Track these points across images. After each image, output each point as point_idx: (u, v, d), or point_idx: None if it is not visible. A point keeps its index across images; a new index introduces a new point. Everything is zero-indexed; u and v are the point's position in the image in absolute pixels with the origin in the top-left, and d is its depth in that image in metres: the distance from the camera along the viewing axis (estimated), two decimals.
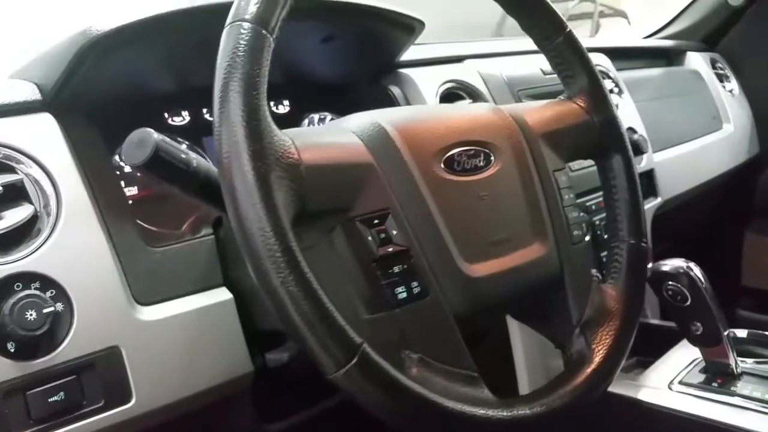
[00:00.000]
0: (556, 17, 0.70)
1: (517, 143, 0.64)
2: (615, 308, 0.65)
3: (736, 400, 0.83)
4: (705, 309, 0.87)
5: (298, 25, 0.78)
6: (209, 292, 0.64)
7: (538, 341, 0.87)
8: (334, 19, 0.79)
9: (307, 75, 0.90)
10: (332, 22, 0.79)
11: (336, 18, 0.79)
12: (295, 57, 0.85)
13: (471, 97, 0.99)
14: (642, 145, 1.17)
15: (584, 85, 0.71)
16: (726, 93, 1.64)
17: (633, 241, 0.69)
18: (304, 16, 0.73)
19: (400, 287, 0.52)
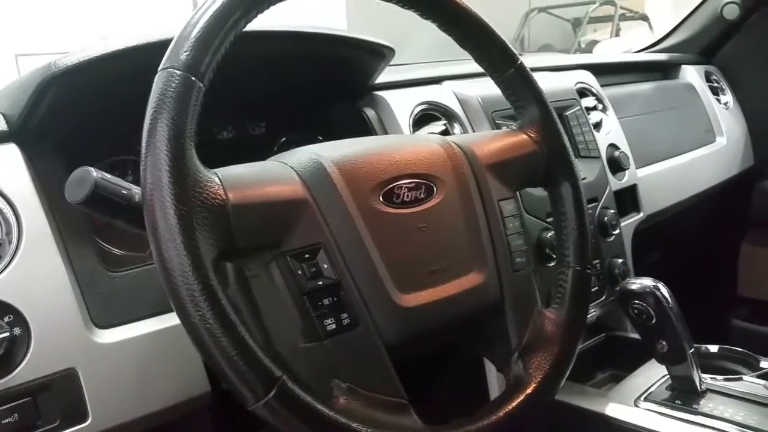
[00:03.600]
0: (507, 50, 0.69)
1: (462, 174, 0.63)
2: (555, 334, 0.63)
3: (698, 417, 0.81)
4: (670, 328, 0.85)
5: (266, 47, 0.79)
6: (167, 315, 0.64)
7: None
8: (294, 46, 0.79)
9: (283, 96, 0.90)
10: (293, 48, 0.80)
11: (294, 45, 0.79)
12: (268, 78, 0.86)
13: (446, 119, 0.98)
14: (623, 161, 1.15)
15: (535, 117, 0.70)
16: (720, 106, 1.60)
17: (578, 268, 0.68)
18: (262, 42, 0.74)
19: (329, 319, 0.52)
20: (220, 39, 0.50)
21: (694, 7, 1.73)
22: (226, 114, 0.85)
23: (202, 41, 0.49)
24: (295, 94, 0.90)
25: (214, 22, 0.50)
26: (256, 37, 0.76)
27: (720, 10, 1.63)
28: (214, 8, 0.51)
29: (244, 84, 0.84)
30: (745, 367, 0.93)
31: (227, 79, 0.79)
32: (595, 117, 1.18)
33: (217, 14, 0.51)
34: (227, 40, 0.51)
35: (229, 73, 0.78)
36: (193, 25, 0.50)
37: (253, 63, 0.82)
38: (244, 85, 0.84)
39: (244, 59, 0.79)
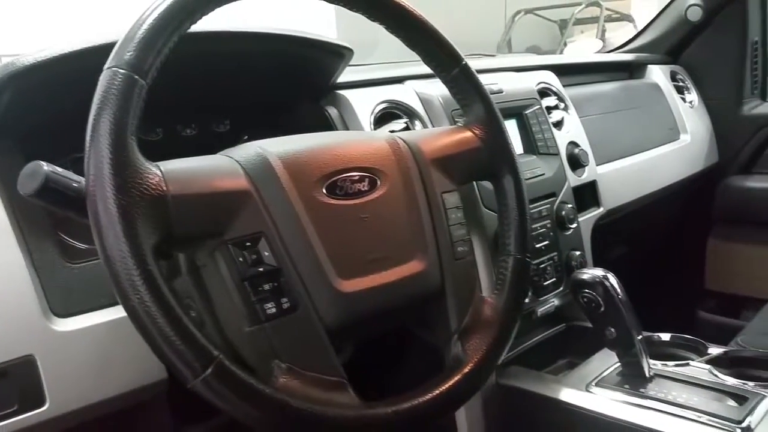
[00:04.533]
0: (452, 51, 0.72)
1: (406, 168, 0.66)
2: (493, 318, 0.66)
3: (644, 401, 0.84)
4: (618, 316, 0.88)
5: (228, 47, 0.82)
6: None
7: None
8: (255, 46, 0.81)
9: (247, 95, 0.92)
10: (255, 48, 0.82)
11: (256, 45, 0.81)
12: (232, 77, 0.88)
13: (408, 117, 1.00)
14: (582, 158, 1.18)
15: (480, 114, 0.73)
16: (685, 104, 1.63)
17: (518, 256, 0.70)
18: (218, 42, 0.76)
19: (270, 303, 0.54)
20: (164, 39, 0.53)
21: (660, 10, 1.77)
22: (191, 112, 0.87)
23: (146, 42, 0.52)
24: (258, 93, 0.93)
25: (158, 23, 0.53)
26: (218, 37, 0.78)
27: (684, 12, 1.67)
28: (159, 10, 0.53)
29: (209, 83, 0.86)
30: (694, 354, 0.96)
31: (191, 77, 0.81)
32: (557, 116, 1.21)
33: (162, 16, 0.53)
34: (171, 40, 0.53)
35: (193, 72, 0.80)
36: (138, 27, 0.52)
37: (217, 62, 0.84)
38: (208, 83, 0.86)
39: (208, 58, 0.82)
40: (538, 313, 1.03)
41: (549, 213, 1.07)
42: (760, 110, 1.67)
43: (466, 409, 0.92)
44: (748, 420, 0.78)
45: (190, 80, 0.82)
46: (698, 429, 0.78)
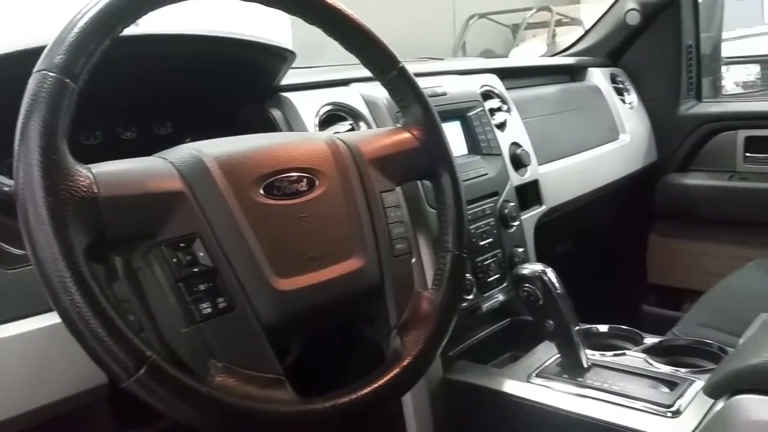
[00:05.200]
0: (389, 54, 0.74)
1: (345, 168, 0.67)
2: (431, 312, 0.68)
3: (580, 389, 0.87)
4: (556, 308, 0.91)
5: (168, 49, 0.82)
6: None
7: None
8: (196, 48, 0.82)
9: (189, 97, 0.92)
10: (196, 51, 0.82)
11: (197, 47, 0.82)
12: (173, 79, 0.88)
13: (353, 119, 1.02)
14: (524, 158, 1.21)
15: (418, 115, 0.75)
16: (624, 105, 1.69)
17: (456, 252, 0.72)
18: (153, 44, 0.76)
19: (205, 303, 0.54)
20: (95, 43, 0.53)
21: (601, 14, 1.83)
22: (131, 115, 0.87)
23: (77, 45, 0.52)
24: (201, 96, 0.93)
25: (89, 26, 0.53)
26: (158, 39, 0.78)
27: (623, 16, 1.73)
28: (91, 13, 0.53)
29: (149, 85, 0.86)
30: (630, 344, 1.00)
31: (131, 80, 0.81)
32: (500, 117, 1.24)
33: (93, 19, 0.53)
34: (104, 43, 0.53)
35: (132, 74, 0.80)
36: (69, 30, 0.52)
37: (157, 65, 0.84)
38: (148, 86, 0.86)
39: (148, 61, 0.82)
40: (484, 309, 1.05)
41: (492, 211, 1.10)
42: (695, 110, 1.74)
43: (414, 404, 0.93)
44: (677, 404, 0.82)
45: (130, 83, 0.82)
46: (632, 414, 0.81)
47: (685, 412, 0.81)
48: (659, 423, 0.79)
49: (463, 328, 1.06)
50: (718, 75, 2.28)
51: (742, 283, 1.30)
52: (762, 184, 1.61)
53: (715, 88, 2.19)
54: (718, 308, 1.19)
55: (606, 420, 0.81)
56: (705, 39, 1.98)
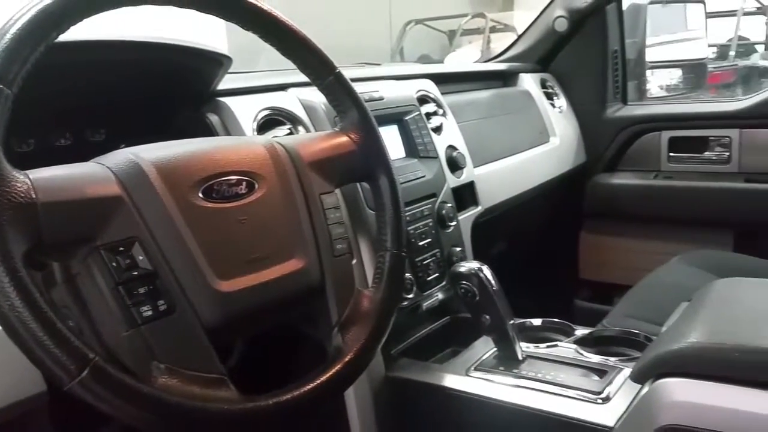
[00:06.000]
0: (325, 60, 0.75)
1: (284, 172, 0.68)
2: (371, 310, 0.70)
3: (518, 381, 0.91)
4: (491, 304, 0.95)
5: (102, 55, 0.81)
6: None
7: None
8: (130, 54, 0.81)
9: (124, 103, 0.91)
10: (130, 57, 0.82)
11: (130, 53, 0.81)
12: (107, 85, 0.87)
13: (291, 123, 1.03)
14: (460, 161, 1.25)
15: (355, 119, 0.77)
16: (554, 110, 1.77)
17: (394, 251, 0.75)
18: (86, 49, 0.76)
19: (145, 306, 0.55)
20: (29, 49, 0.53)
21: (531, 22, 1.91)
22: (64, 121, 0.85)
23: (11, 51, 0.51)
24: (136, 101, 0.92)
25: (23, 32, 0.52)
26: (92, 46, 0.77)
27: (552, 23, 1.81)
28: (24, 19, 0.53)
29: (83, 91, 0.85)
30: (562, 335, 1.05)
31: (64, 86, 0.80)
32: (436, 121, 1.28)
33: (27, 25, 0.53)
34: (38, 50, 0.53)
35: (66, 80, 0.79)
36: (2, 36, 0.52)
37: (91, 71, 0.83)
38: (82, 92, 0.85)
39: (82, 67, 0.81)
40: (424, 307, 1.08)
41: (430, 212, 1.13)
42: (621, 113, 1.84)
43: (357, 402, 0.95)
44: (607, 390, 0.87)
45: (64, 89, 0.80)
46: (564, 402, 0.86)
47: (614, 398, 0.86)
48: (590, 409, 0.84)
49: (405, 327, 1.09)
50: (643, 79, 2.41)
51: (666, 276, 1.37)
52: (685, 182, 1.71)
53: (640, 92, 2.31)
54: (644, 300, 1.26)
55: (540, 408, 0.85)
56: (630, 45, 2.09)
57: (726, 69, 6.94)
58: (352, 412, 0.95)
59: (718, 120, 1.68)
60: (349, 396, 0.94)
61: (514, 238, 1.70)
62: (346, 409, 0.95)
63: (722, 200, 1.64)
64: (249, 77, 1.12)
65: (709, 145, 1.69)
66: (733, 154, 1.65)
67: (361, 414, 0.96)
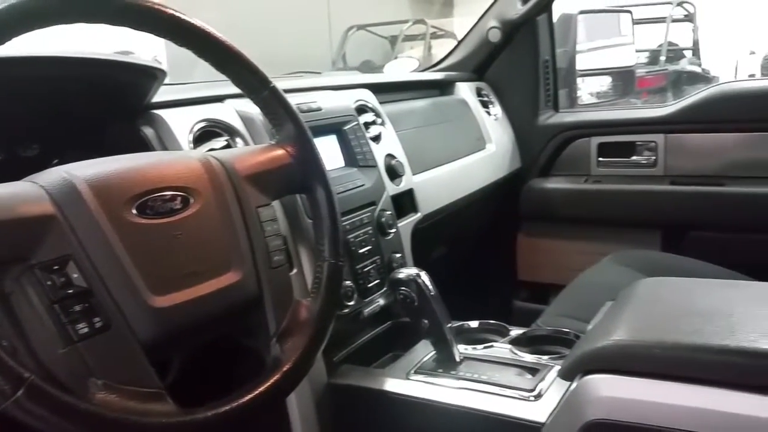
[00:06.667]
0: (260, 74, 0.76)
1: (220, 186, 0.69)
2: (309, 319, 0.72)
3: (456, 382, 0.94)
4: (429, 308, 0.97)
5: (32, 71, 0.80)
6: None
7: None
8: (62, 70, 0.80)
9: (57, 118, 0.90)
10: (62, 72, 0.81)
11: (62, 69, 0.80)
12: (39, 101, 0.85)
13: (229, 135, 1.03)
14: (399, 169, 1.28)
15: (291, 133, 0.78)
16: (490, 117, 1.82)
17: (332, 261, 0.77)
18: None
19: (81, 324, 0.55)
20: None
21: (467, 32, 1.96)
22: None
23: None
24: (69, 116, 0.91)
25: None
26: (21, 62, 0.76)
27: (486, 33, 1.86)
28: None
29: (13, 107, 0.83)
30: (498, 336, 1.09)
31: None
32: (374, 131, 1.30)
33: None
34: None
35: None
36: None
37: (22, 86, 0.81)
38: (12, 108, 0.83)
39: (11, 83, 0.79)
40: (365, 314, 1.10)
41: (370, 220, 1.16)
42: (553, 120, 1.91)
43: (300, 410, 0.96)
44: (539, 388, 0.91)
45: None
46: (499, 400, 0.89)
47: (545, 394, 0.90)
48: (523, 406, 0.88)
49: (347, 333, 1.11)
50: (574, 87, 2.50)
51: (597, 276, 1.44)
52: (613, 185, 1.79)
53: (571, 99, 2.39)
54: (575, 300, 1.32)
55: (476, 408, 0.88)
56: (561, 54, 2.17)
57: (657, 73, 7.27)
58: (294, 421, 0.96)
59: (644, 125, 1.77)
60: (292, 404, 0.95)
61: (454, 243, 1.75)
62: (288, 418, 0.96)
63: (649, 202, 1.73)
64: (185, 89, 1.12)
65: (636, 150, 1.77)
66: (659, 157, 1.74)
67: (303, 422, 0.97)
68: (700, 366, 0.75)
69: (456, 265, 1.73)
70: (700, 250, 1.53)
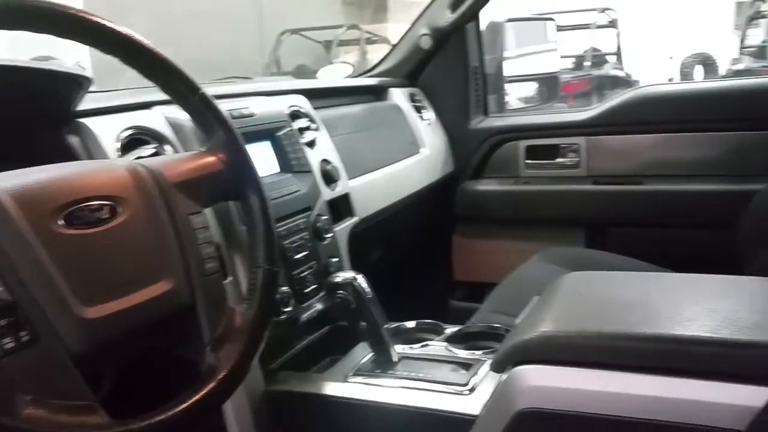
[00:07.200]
0: (188, 80, 0.76)
1: (149, 194, 0.68)
2: (244, 326, 0.72)
3: (393, 381, 0.96)
4: (367, 311, 0.99)
5: None
6: None
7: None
8: None
9: None
10: None
11: None
12: None
13: (158, 142, 1.02)
14: (334, 174, 1.30)
15: (221, 139, 0.78)
16: (423, 122, 1.86)
17: (267, 267, 0.77)
18: None
19: (7, 338, 0.54)
20: None
21: (399, 39, 1.99)
22: None
23: None
24: None
25: None
26: None
27: (418, 40, 1.90)
28: None
29: None
30: (434, 335, 1.12)
31: None
32: (309, 136, 1.30)
33: None
34: None
35: None
36: None
37: None
38: None
39: None
40: (303, 319, 1.11)
41: (306, 225, 1.16)
42: (483, 125, 1.96)
43: (237, 419, 0.96)
44: (472, 382, 0.94)
45: None
46: (434, 396, 0.92)
47: (478, 388, 0.93)
48: (458, 400, 0.90)
49: (284, 339, 1.11)
50: (502, 92, 2.58)
51: (526, 273, 1.49)
52: (540, 186, 1.86)
53: (500, 104, 2.47)
54: (506, 297, 1.36)
55: (413, 405, 0.90)
56: (490, 60, 2.24)
57: (582, 78, 7.57)
58: (231, 430, 0.96)
59: (568, 129, 1.85)
60: (229, 413, 0.95)
61: (391, 245, 1.77)
62: (225, 427, 0.95)
63: (573, 201, 1.81)
64: (111, 96, 1.09)
65: (560, 152, 1.85)
66: (582, 159, 1.82)
67: (240, 431, 0.96)
68: (620, 353, 0.79)
69: (393, 268, 1.75)
70: (620, 244, 1.61)
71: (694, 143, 1.70)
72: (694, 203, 1.66)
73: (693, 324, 0.76)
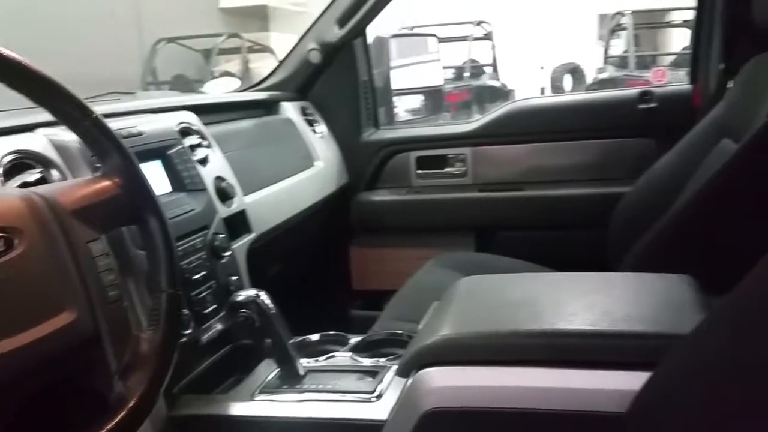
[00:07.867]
0: (80, 104, 0.73)
1: (44, 223, 0.65)
2: (151, 352, 0.70)
3: (301, 395, 0.97)
4: (271, 328, 0.99)
5: None
6: None
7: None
8: None
9: None
10: None
11: None
12: None
13: (43, 167, 0.97)
14: (229, 191, 1.28)
15: (116, 163, 0.76)
16: (316, 135, 1.88)
17: (170, 291, 0.76)
18: None
19: None
20: None
21: (288, 52, 2.00)
22: None
23: None
24: None
25: None
26: None
27: (306, 55, 1.91)
28: None
29: None
30: (339, 346, 1.14)
31: None
32: (201, 153, 1.28)
33: None
34: None
35: None
36: None
37: None
38: None
39: None
40: (204, 340, 1.09)
41: (203, 245, 1.14)
42: (375, 137, 2.02)
43: None
44: (379, 389, 0.97)
45: None
46: (342, 406, 0.94)
47: (385, 394, 0.96)
48: (365, 408, 0.93)
49: (185, 363, 1.08)
50: (391, 105, 2.66)
51: (423, 279, 1.55)
52: (431, 195, 1.94)
53: (390, 116, 2.55)
54: (405, 303, 1.41)
55: (321, 417, 0.92)
56: (378, 74, 2.30)
57: (462, 89, 7.91)
58: None
59: (455, 140, 1.95)
60: None
61: (290, 259, 1.77)
62: None
63: (463, 208, 1.90)
64: None
65: (448, 162, 1.94)
66: (468, 168, 1.92)
67: None
68: (513, 350, 0.85)
69: (293, 281, 1.75)
70: (508, 247, 1.72)
71: (566, 151, 1.85)
72: (570, 206, 1.81)
73: (576, 318, 0.84)
